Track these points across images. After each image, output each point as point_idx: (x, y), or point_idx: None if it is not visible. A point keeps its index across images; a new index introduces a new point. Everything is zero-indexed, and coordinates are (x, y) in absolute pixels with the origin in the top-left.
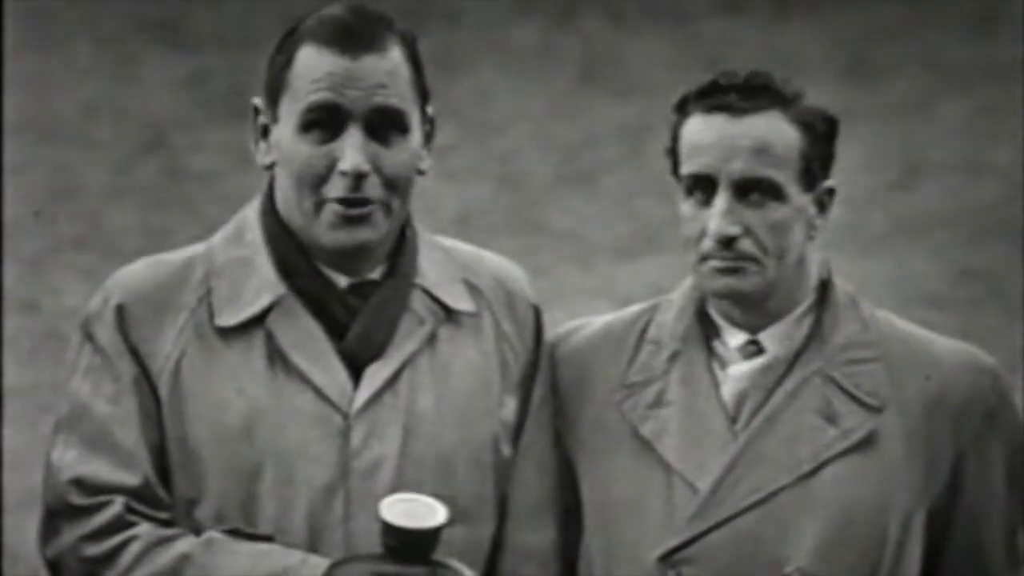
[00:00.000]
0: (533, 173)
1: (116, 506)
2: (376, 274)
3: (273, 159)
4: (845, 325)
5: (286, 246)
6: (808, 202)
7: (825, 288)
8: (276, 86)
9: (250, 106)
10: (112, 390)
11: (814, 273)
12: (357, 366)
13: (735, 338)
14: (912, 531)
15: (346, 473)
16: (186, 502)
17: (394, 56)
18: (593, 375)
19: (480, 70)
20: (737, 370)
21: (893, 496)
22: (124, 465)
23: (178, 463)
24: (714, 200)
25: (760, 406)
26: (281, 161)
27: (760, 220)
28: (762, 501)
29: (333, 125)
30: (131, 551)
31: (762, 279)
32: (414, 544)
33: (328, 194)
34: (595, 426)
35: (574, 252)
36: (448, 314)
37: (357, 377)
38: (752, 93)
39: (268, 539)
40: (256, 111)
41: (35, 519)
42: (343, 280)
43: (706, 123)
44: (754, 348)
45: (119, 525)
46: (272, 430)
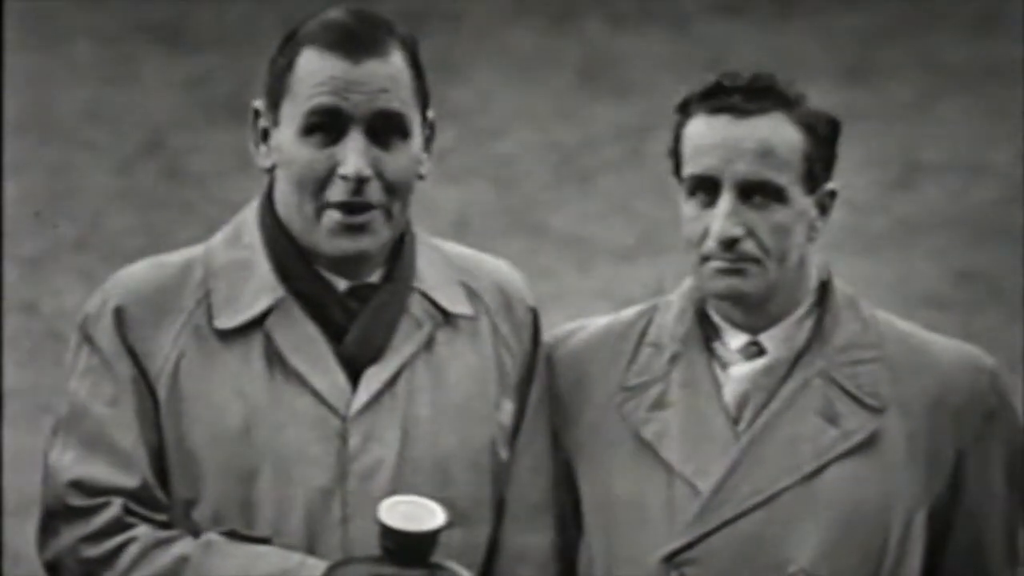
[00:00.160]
0: (533, 174)
1: (114, 508)
2: (375, 277)
3: (273, 162)
4: (845, 326)
5: (285, 249)
6: (810, 204)
7: (825, 289)
8: (277, 89)
9: (250, 108)
10: (111, 391)
11: (814, 275)
12: (355, 369)
13: (736, 339)
14: (913, 531)
15: (344, 475)
16: (184, 503)
17: (396, 60)
18: (592, 377)
19: (479, 72)
20: (738, 371)
21: (895, 497)
22: (122, 467)
23: (176, 465)
24: (717, 201)
25: (762, 407)
26: (282, 164)
27: (763, 222)
28: (764, 502)
29: (334, 129)
30: (129, 553)
31: (763, 280)
32: (412, 546)
33: (329, 198)
34: (595, 428)
35: (574, 254)
36: (446, 317)
37: (355, 380)
38: (756, 95)
39: (266, 541)
40: (256, 114)
41: (35, 520)
42: (342, 283)
43: (710, 124)
44: (755, 349)
45: (117, 527)
46: (270, 432)
